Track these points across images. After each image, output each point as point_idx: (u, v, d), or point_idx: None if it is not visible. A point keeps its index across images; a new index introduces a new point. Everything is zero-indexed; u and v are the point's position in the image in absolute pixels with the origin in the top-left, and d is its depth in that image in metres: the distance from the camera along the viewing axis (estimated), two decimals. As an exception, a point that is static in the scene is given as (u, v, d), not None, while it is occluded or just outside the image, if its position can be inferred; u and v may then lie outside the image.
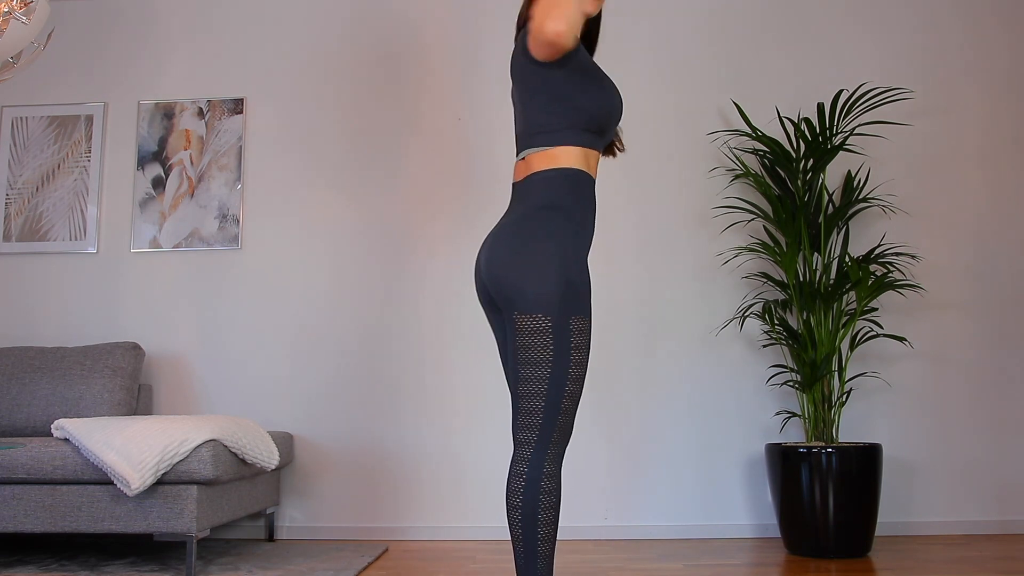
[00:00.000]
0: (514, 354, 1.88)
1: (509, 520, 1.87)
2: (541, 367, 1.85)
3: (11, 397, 3.53)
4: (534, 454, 1.86)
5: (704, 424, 3.78)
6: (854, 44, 3.97)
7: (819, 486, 3.25)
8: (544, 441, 1.86)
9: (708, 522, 3.71)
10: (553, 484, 1.85)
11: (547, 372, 1.85)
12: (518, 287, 1.85)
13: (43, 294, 3.99)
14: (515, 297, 1.85)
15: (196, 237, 3.98)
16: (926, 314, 3.79)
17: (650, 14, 4.03)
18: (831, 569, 3.02)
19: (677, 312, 3.85)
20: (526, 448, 1.86)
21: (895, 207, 3.83)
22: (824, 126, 3.51)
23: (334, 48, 4.09)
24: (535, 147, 1.98)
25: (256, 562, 3.17)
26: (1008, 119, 3.92)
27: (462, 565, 3.15)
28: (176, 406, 3.89)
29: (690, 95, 3.97)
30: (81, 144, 4.08)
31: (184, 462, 2.88)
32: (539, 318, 1.83)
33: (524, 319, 1.84)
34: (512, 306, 1.86)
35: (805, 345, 3.45)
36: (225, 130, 4.05)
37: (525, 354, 1.85)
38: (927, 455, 3.73)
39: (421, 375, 3.86)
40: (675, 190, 3.93)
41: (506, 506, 1.88)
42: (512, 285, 1.86)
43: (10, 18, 2.76)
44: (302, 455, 3.82)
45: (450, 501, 3.76)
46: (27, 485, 2.97)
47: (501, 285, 1.88)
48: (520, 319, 1.85)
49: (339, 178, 4.01)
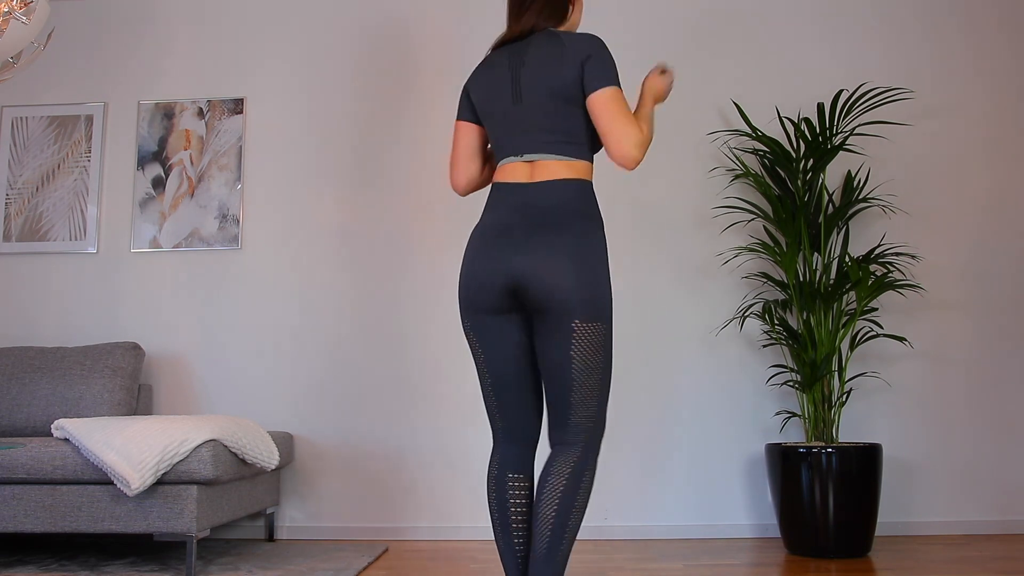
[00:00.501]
0: (566, 361, 1.94)
1: (541, 509, 1.93)
2: (597, 373, 1.96)
3: (11, 397, 3.53)
4: (584, 451, 1.96)
5: (704, 424, 3.78)
6: (854, 44, 3.97)
7: (819, 486, 3.25)
8: (594, 441, 1.99)
9: (708, 522, 3.71)
10: (593, 478, 1.99)
11: (601, 377, 1.97)
12: (582, 297, 1.92)
13: (43, 294, 3.99)
14: (576, 307, 1.91)
15: (196, 237, 3.98)
16: (926, 314, 3.79)
17: (650, 14, 4.03)
18: (831, 569, 3.02)
19: (677, 312, 3.85)
20: (574, 448, 1.96)
21: (895, 207, 3.83)
22: (824, 126, 3.51)
23: (334, 48, 4.09)
24: (557, 155, 2.02)
25: (256, 562, 3.17)
26: (1008, 119, 3.92)
27: (462, 565, 3.15)
28: (176, 406, 3.89)
29: (690, 95, 3.97)
30: (81, 144, 4.08)
31: (184, 462, 2.88)
32: (598, 327, 1.94)
33: (585, 328, 1.93)
34: (570, 315, 1.91)
35: (805, 345, 3.45)
36: (225, 130, 4.05)
37: (583, 361, 1.94)
38: (927, 455, 3.73)
39: (421, 375, 3.86)
40: (675, 190, 3.93)
41: (538, 497, 1.94)
42: (574, 294, 1.91)
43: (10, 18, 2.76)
44: (302, 455, 3.82)
45: (450, 501, 3.76)
46: (27, 485, 2.96)
47: (556, 291, 1.92)
48: (580, 327, 1.92)
49: (339, 178, 4.01)
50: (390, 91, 4.05)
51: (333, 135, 4.03)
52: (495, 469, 2.10)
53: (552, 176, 2.01)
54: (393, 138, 4.02)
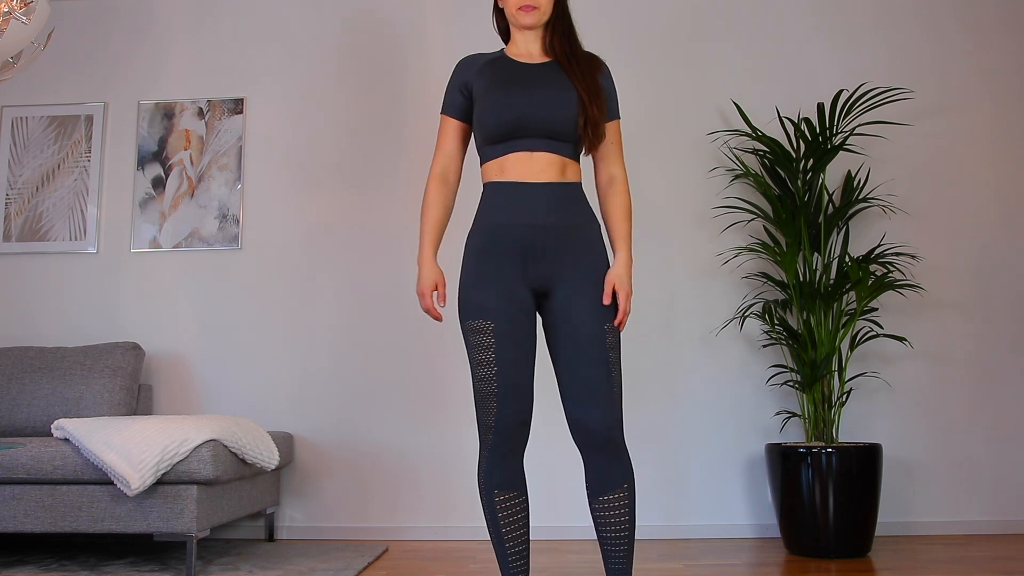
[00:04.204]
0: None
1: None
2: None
3: (11, 397, 3.53)
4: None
5: (704, 424, 3.78)
6: (854, 44, 3.97)
7: (819, 486, 3.25)
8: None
9: (708, 522, 3.71)
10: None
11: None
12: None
13: (43, 294, 3.99)
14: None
15: (196, 237, 3.98)
16: (926, 314, 3.79)
17: (650, 14, 4.03)
18: (831, 569, 3.02)
19: (677, 312, 3.85)
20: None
21: (895, 207, 3.83)
22: (824, 126, 3.51)
23: (334, 48, 4.09)
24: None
25: (256, 562, 3.17)
26: (1008, 119, 3.92)
27: (462, 565, 3.15)
28: (176, 406, 3.89)
29: (690, 95, 3.97)
30: (81, 144, 4.08)
31: (184, 462, 2.88)
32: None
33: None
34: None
35: (805, 345, 3.45)
36: (225, 130, 4.05)
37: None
38: (927, 455, 3.73)
39: (421, 375, 3.86)
40: (675, 190, 3.93)
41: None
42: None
43: (10, 18, 2.76)
44: (302, 455, 3.82)
45: (450, 501, 3.76)
46: (27, 485, 2.97)
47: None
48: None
49: (339, 178, 4.01)
50: (390, 91, 4.05)
51: (333, 135, 4.03)
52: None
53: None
54: (393, 138, 4.02)
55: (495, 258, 2.06)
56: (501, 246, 2.06)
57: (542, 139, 2.07)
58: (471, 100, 2.16)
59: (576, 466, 3.73)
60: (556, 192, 2.08)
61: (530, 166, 2.07)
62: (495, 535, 2.08)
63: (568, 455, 3.71)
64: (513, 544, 2.07)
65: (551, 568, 3.06)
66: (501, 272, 2.05)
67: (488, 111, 2.09)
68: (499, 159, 2.10)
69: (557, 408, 2.12)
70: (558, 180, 2.09)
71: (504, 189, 2.09)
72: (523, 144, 2.08)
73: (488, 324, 2.03)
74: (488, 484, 2.07)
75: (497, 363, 2.02)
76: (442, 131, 2.22)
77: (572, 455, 3.68)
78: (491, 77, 2.13)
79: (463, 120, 2.19)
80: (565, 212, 2.08)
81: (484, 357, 2.03)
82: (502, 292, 2.04)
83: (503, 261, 2.06)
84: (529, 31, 2.17)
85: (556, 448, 3.68)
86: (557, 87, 2.10)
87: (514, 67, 2.15)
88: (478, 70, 2.16)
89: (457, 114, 2.19)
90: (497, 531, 2.07)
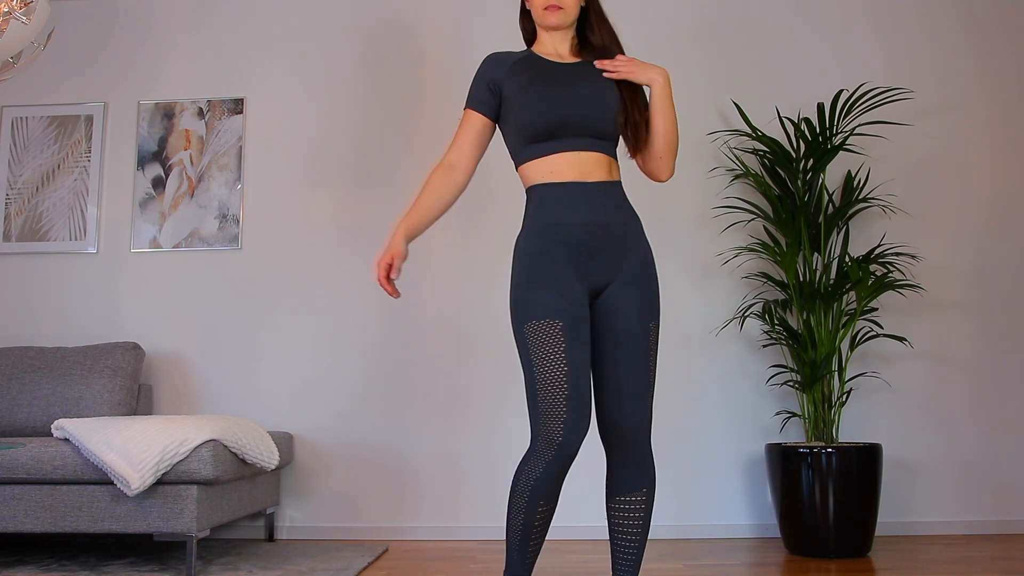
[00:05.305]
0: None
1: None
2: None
3: (11, 397, 3.52)
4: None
5: (704, 424, 3.78)
6: (854, 44, 3.97)
7: (819, 486, 3.25)
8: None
9: (708, 522, 3.71)
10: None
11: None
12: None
13: (43, 294, 3.99)
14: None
15: (196, 237, 3.98)
16: (926, 314, 3.79)
17: (650, 14, 4.03)
18: (831, 569, 3.02)
19: (677, 312, 3.84)
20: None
21: (895, 207, 3.82)
22: (824, 126, 3.51)
23: (334, 48, 4.09)
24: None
25: (256, 562, 3.17)
26: (1009, 118, 3.92)
27: (462, 565, 3.15)
28: (176, 406, 3.89)
29: (690, 95, 3.96)
30: (81, 144, 4.08)
31: (184, 462, 2.88)
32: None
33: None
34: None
35: (805, 345, 3.45)
36: (225, 130, 4.05)
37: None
38: (927, 455, 3.73)
39: (421, 375, 3.86)
40: (675, 190, 3.91)
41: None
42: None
43: (10, 18, 2.76)
44: (302, 455, 3.82)
45: (450, 501, 3.76)
46: (27, 485, 2.96)
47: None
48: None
49: (339, 178, 4.01)
50: (390, 91, 4.05)
51: (333, 135, 4.03)
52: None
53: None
54: (393, 138, 4.02)
55: (554, 259, 1.99)
56: (560, 246, 2.00)
57: (587, 138, 2.04)
58: (499, 98, 2.10)
59: (580, 467, 3.72)
60: (607, 191, 2.06)
61: (580, 166, 2.03)
62: (520, 539, 2.00)
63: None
64: (534, 549, 2.03)
65: (552, 568, 3.06)
66: (562, 273, 1.98)
67: (530, 109, 2.02)
68: (545, 160, 2.04)
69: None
70: (607, 179, 2.07)
71: (558, 190, 2.03)
72: (568, 144, 2.03)
73: (556, 324, 1.93)
74: (535, 493, 1.97)
75: (568, 364, 1.92)
76: (464, 125, 2.13)
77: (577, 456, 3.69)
78: (528, 75, 2.07)
79: (489, 117, 2.12)
80: (616, 211, 2.07)
81: (553, 358, 1.92)
82: (564, 292, 1.97)
83: (562, 261, 1.99)
84: (556, 32, 2.14)
85: (556, 448, 3.68)
86: (599, 86, 2.08)
87: (550, 66, 2.11)
88: (509, 68, 2.09)
89: (484, 110, 2.11)
90: (525, 537, 2.00)
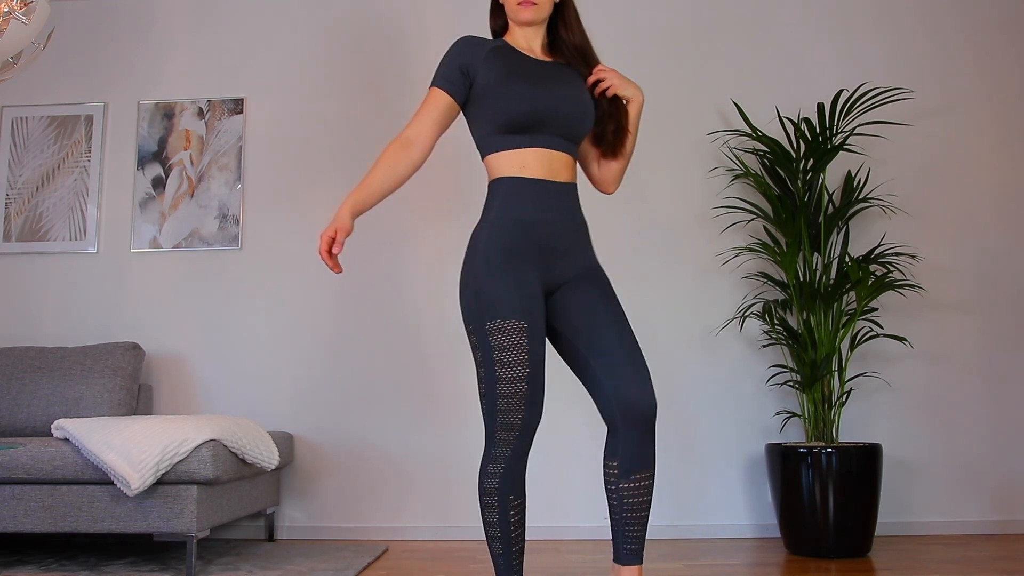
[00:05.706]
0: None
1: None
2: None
3: (11, 397, 3.53)
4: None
5: (704, 424, 3.77)
6: (854, 44, 3.97)
7: (819, 486, 3.25)
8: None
9: (708, 522, 3.71)
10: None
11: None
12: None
13: (43, 294, 3.99)
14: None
15: (196, 237, 3.98)
16: (926, 314, 3.79)
17: (650, 14, 4.03)
18: (831, 569, 3.02)
19: (677, 312, 3.85)
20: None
21: (895, 207, 3.83)
22: (824, 126, 3.51)
23: (334, 48, 4.09)
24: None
25: (256, 562, 3.17)
26: (1009, 118, 3.92)
27: (462, 565, 3.15)
28: (176, 406, 3.89)
29: (690, 95, 3.97)
30: (81, 144, 4.08)
31: (184, 462, 2.88)
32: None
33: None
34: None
35: (805, 345, 3.45)
36: (225, 130, 4.05)
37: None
38: (927, 455, 3.73)
39: (422, 374, 3.86)
40: (675, 190, 3.93)
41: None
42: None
43: (10, 18, 2.76)
44: (302, 455, 3.82)
45: (450, 501, 3.76)
46: (27, 485, 2.96)
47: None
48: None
49: (339, 178, 4.00)
50: (390, 90, 4.05)
51: (333, 135, 4.03)
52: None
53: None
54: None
55: (518, 255, 1.98)
56: (525, 243, 1.99)
57: (559, 138, 2.05)
58: (470, 82, 2.07)
59: (575, 466, 3.75)
60: (571, 192, 2.08)
61: (550, 164, 2.03)
62: (502, 540, 2.00)
63: (567, 455, 3.72)
64: (517, 548, 2.03)
65: (551, 568, 3.06)
66: (526, 271, 1.98)
67: (510, 99, 2.01)
68: (517, 152, 2.03)
69: (556, 408, 2.12)
70: (571, 181, 2.08)
71: (527, 185, 2.02)
72: (540, 140, 2.02)
73: (521, 324, 1.93)
74: (503, 490, 1.97)
75: (530, 365, 1.93)
76: (428, 102, 2.09)
77: (571, 455, 3.69)
78: (507, 65, 2.05)
79: (456, 99, 2.09)
80: (576, 212, 2.09)
81: (515, 359, 1.92)
82: (526, 291, 1.96)
83: (526, 259, 1.98)
84: (528, 27, 2.14)
85: (556, 448, 3.69)
86: (578, 89, 2.10)
87: (529, 60, 2.11)
88: (486, 56, 2.07)
89: (452, 91, 2.07)
90: (506, 536, 1.99)
